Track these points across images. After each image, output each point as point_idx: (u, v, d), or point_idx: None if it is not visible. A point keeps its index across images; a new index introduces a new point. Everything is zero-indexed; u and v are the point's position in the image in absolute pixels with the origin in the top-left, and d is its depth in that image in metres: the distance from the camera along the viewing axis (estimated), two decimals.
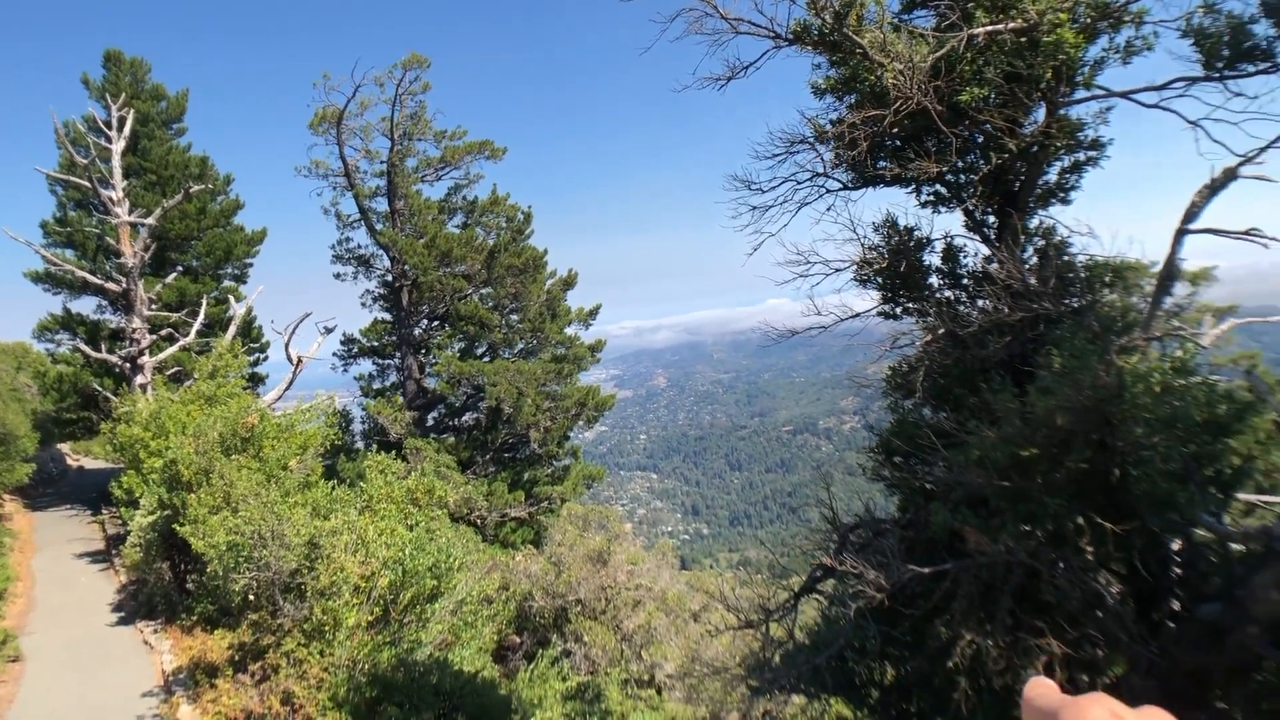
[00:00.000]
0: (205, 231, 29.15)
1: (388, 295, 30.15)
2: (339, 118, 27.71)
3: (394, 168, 28.58)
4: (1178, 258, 8.37)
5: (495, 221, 29.63)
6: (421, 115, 29.22)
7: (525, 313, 28.21)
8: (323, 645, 10.34)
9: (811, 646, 10.54)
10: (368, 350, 30.60)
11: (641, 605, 19.55)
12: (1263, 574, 6.46)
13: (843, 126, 9.31)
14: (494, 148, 30.12)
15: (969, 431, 7.63)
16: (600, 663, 17.99)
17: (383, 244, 28.47)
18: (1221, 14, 8.37)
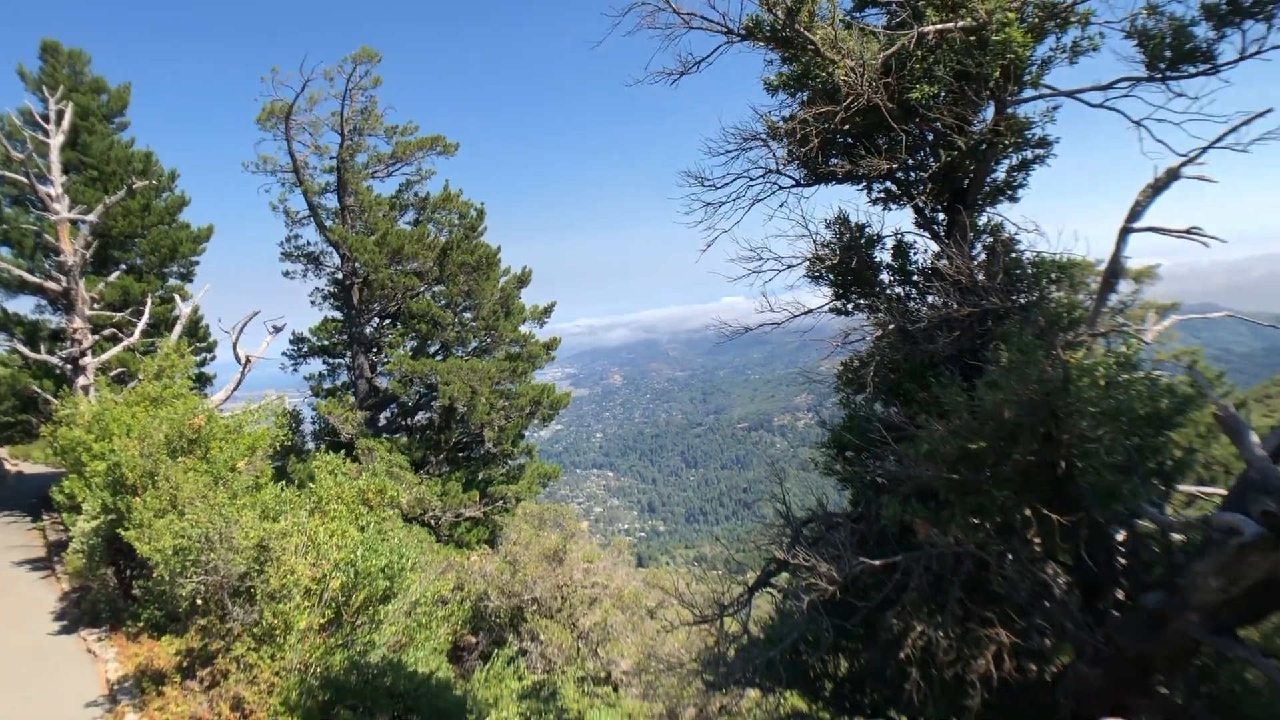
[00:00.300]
0: (149, 229, 28.47)
1: (338, 293, 29.71)
2: (287, 113, 27.23)
3: (344, 163, 28.17)
4: (1122, 255, 8.54)
5: (448, 218, 29.33)
6: (372, 110, 28.82)
7: (478, 311, 27.99)
8: (274, 649, 10.16)
9: (766, 640, 10.60)
10: (318, 349, 30.13)
11: (598, 603, 19.54)
12: (1202, 563, 6.60)
13: (795, 123, 9.36)
14: (446, 143, 29.83)
15: (919, 426, 7.71)
16: (556, 661, 17.95)
17: (332, 241, 28.04)
18: (1164, 16, 8.55)
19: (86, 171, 26.85)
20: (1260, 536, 5.82)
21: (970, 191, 9.71)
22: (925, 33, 8.42)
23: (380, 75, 28.23)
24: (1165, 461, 8.27)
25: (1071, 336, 8.30)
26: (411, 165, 29.85)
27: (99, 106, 28.09)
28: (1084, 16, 8.89)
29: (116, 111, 29.02)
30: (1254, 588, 6.37)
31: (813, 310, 10.64)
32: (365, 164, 29.14)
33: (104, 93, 28.52)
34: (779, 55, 9.81)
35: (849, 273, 10.28)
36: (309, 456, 23.65)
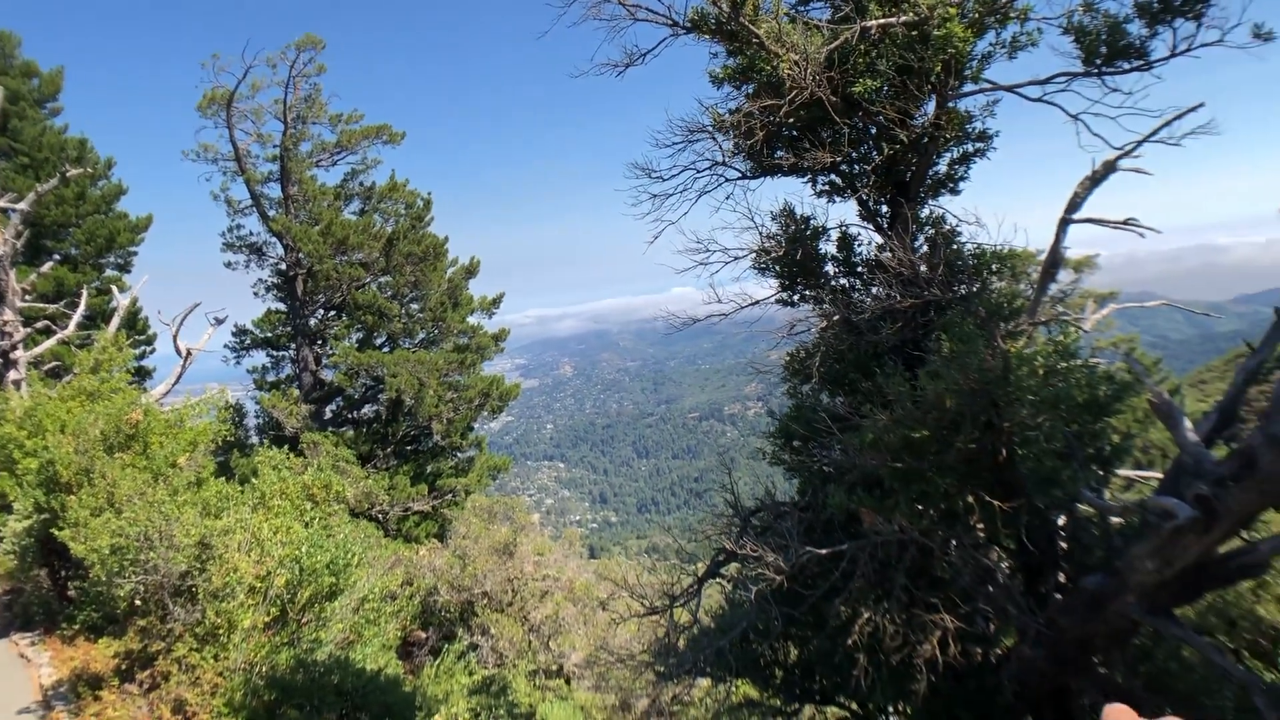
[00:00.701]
0: (85, 218, 27.66)
1: (282, 284, 29.14)
2: (229, 100, 26.63)
3: (287, 152, 27.63)
4: (1062, 246, 8.72)
5: (394, 208, 28.94)
6: (316, 98, 28.29)
7: (426, 302, 27.69)
8: (217, 649, 9.97)
9: (716, 630, 10.67)
10: (261, 342, 29.55)
11: (549, 595, 19.52)
12: (1139, 545, 6.77)
13: (740, 116, 9.39)
14: (392, 132, 29.42)
15: (863, 415, 7.80)
16: (508, 655, 17.90)
17: (276, 231, 27.50)
18: (1099, 13, 8.74)
19: (17, 158, 25.99)
20: (1193, 519, 5.99)
21: (912, 184, 9.83)
22: (868, 27, 8.49)
23: (324, 63, 27.77)
24: (1104, 447, 8.48)
25: (1012, 326, 8.46)
26: (357, 154, 29.39)
27: (30, 91, 27.20)
28: (1023, 12, 9.04)
29: (49, 96, 28.13)
30: (1188, 569, 6.56)
31: (760, 301, 10.71)
32: (309, 153, 28.61)
33: (35, 77, 27.62)
34: (724, 48, 9.83)
35: (795, 264, 10.34)
36: (252, 451, 23.22)
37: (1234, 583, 8.22)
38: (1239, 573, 6.98)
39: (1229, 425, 7.59)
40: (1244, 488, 5.89)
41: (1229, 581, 7.60)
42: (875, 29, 8.61)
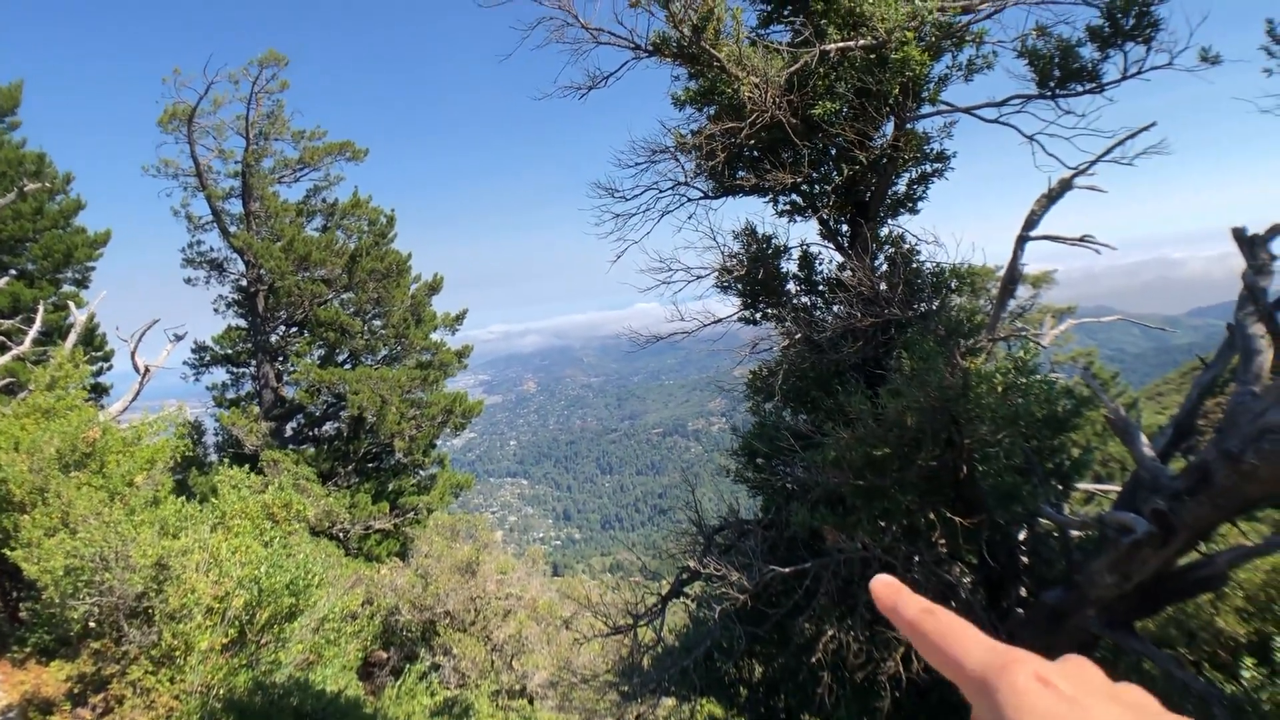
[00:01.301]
0: (42, 233, 27.13)
1: (242, 301, 28.76)
2: (190, 115, 26.31)
3: (249, 168, 27.34)
4: (1020, 263, 8.86)
5: (357, 225, 28.73)
6: (279, 114, 28.05)
7: (388, 318, 27.48)
8: (173, 672, 9.78)
9: (681, 649, 10.66)
10: (221, 358, 29.11)
11: (512, 615, 19.38)
12: (1098, 560, 6.88)
13: (702, 137, 9.47)
14: (355, 149, 29.24)
15: (825, 433, 7.87)
16: (470, 675, 17.73)
17: (237, 247, 27.17)
18: (1052, 37, 8.95)
19: None
20: (1151, 534, 6.09)
21: (872, 204, 9.97)
22: (827, 50, 8.62)
23: (287, 79, 27.52)
24: (1063, 462, 8.61)
25: (972, 343, 8.57)
26: (320, 171, 29.16)
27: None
28: (978, 36, 9.23)
29: (7, 111, 27.62)
30: (1147, 582, 6.67)
31: (722, 319, 10.78)
32: (272, 169, 28.34)
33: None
34: (686, 71, 9.93)
35: (757, 283, 10.44)
36: (212, 469, 22.84)
37: (1193, 595, 8.36)
38: (1197, 586, 7.10)
39: (1185, 439, 7.73)
40: (1199, 502, 6.01)
41: (1188, 594, 7.74)
42: (834, 52, 8.74)
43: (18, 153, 26.80)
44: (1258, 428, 5.66)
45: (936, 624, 0.74)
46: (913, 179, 10.38)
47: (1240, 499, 5.97)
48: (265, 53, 26.41)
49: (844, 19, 8.74)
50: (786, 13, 10.04)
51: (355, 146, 29.17)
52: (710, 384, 13.53)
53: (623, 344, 11.54)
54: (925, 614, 0.76)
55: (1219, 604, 10.39)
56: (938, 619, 0.74)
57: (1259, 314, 6.55)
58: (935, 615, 0.75)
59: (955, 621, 0.74)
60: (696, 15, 8.55)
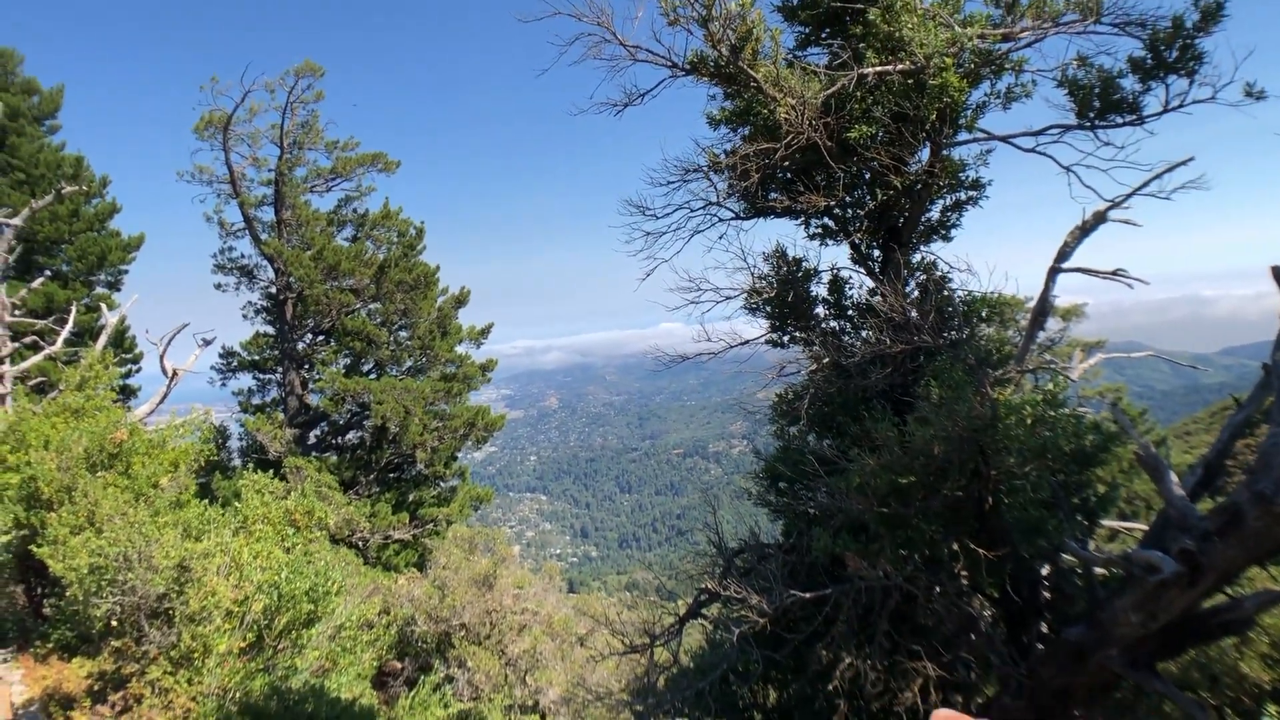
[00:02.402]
0: (77, 235, 27.60)
1: (271, 308, 29.05)
2: (226, 123, 26.68)
3: (282, 177, 27.67)
4: (1051, 295, 8.78)
5: (386, 236, 28.96)
6: (313, 124, 28.39)
7: (415, 330, 27.62)
8: (191, 673, 9.81)
9: (696, 670, 10.59)
10: (248, 364, 29.37)
11: (527, 629, 19.31)
12: (1123, 598, 6.77)
13: (736, 157, 9.49)
14: (387, 160, 29.52)
15: (850, 459, 7.81)
16: (484, 689, 17.67)
17: (267, 254, 27.46)
18: (1093, 68, 8.90)
19: (14, 174, 25.99)
20: (1178, 574, 5.99)
21: (905, 230, 9.93)
22: (865, 74, 8.62)
23: (323, 90, 27.90)
24: (1089, 497, 8.50)
25: (1000, 373, 8.50)
26: (351, 181, 29.46)
27: (30, 108, 27.27)
28: (1018, 64, 9.20)
29: (48, 114, 28.19)
30: (1171, 623, 6.55)
31: (749, 341, 10.76)
32: (304, 178, 28.67)
33: (36, 94, 27.70)
34: (723, 91, 9.97)
35: (785, 306, 10.42)
36: (235, 474, 23.02)
37: (1217, 639, 8.20)
38: (1223, 629, 6.97)
39: (1215, 479, 7.62)
40: (1229, 543, 5.91)
41: (1212, 637, 7.59)
42: (872, 76, 8.74)
43: (57, 155, 27.30)
44: None
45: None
46: (947, 206, 10.34)
47: (1271, 542, 5.86)
48: (302, 63, 26.80)
49: (883, 43, 8.74)
50: (825, 35, 10.05)
51: (387, 158, 29.47)
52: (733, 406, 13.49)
53: (646, 363, 11.54)
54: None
55: (1243, 649, 10.20)
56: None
57: None
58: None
59: None
60: (735, 35, 8.58)
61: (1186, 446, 35.02)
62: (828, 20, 9.88)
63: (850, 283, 10.75)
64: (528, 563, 35.07)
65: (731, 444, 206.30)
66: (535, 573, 24.66)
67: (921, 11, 8.65)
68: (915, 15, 8.53)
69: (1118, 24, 8.67)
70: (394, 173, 30.01)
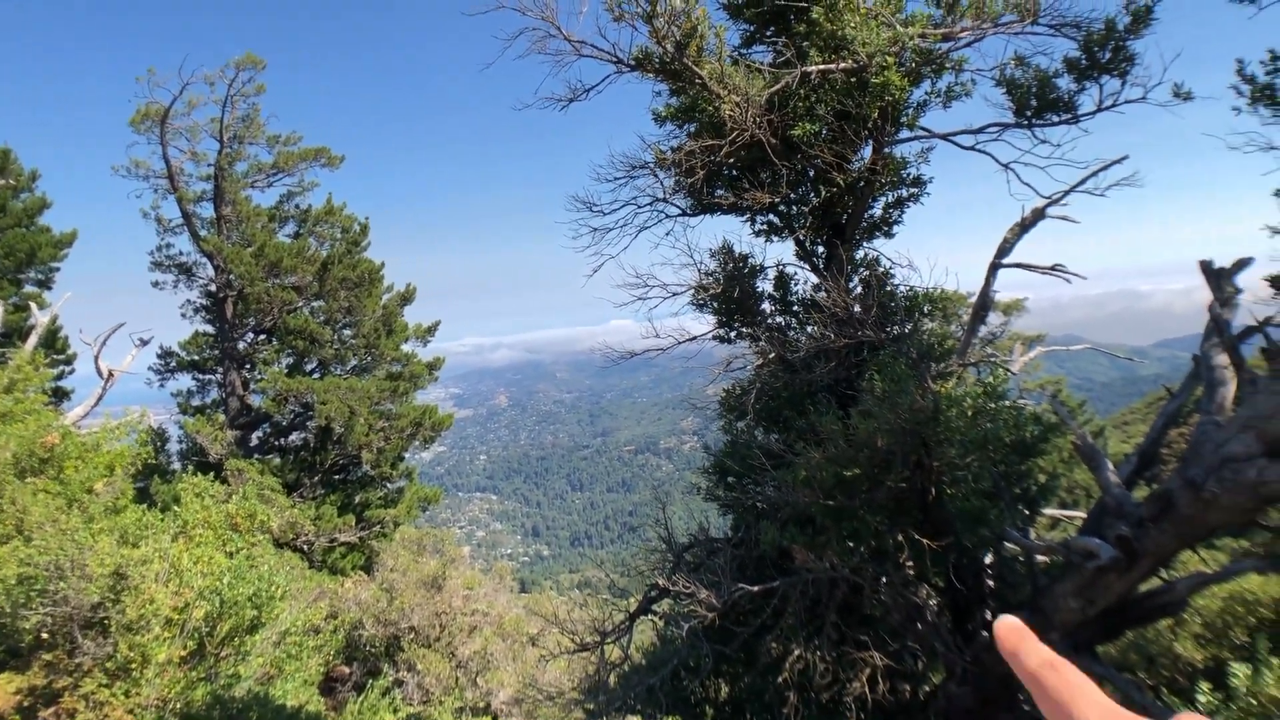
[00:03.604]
0: (5, 231, 26.69)
1: (210, 306, 28.39)
2: (163, 116, 26.01)
3: (222, 171, 27.05)
4: (991, 290, 8.94)
5: (330, 232, 28.48)
6: (254, 118, 27.77)
7: (359, 328, 27.22)
8: (128, 685, 9.55)
9: (647, 667, 10.59)
10: (187, 365, 28.68)
11: (478, 631, 19.18)
12: (1063, 584, 6.92)
13: (681, 154, 9.50)
14: (331, 155, 29.03)
15: (796, 453, 7.87)
16: (434, 692, 17.51)
17: (207, 251, 26.83)
18: (1030, 67, 9.09)
19: None
20: (1115, 559, 6.14)
21: (849, 226, 10.03)
22: (809, 72, 8.69)
23: (264, 83, 27.35)
24: (1030, 487, 8.67)
25: (943, 367, 8.63)
26: (294, 176, 28.91)
27: None
28: (958, 64, 9.34)
29: None
30: (1110, 607, 6.72)
31: (697, 337, 10.79)
32: (245, 173, 28.06)
33: None
34: (668, 87, 9.97)
35: (732, 302, 10.46)
36: (175, 478, 22.49)
37: (1153, 621, 8.43)
38: (1158, 611, 7.17)
39: (1149, 467, 7.82)
40: (1162, 529, 6.07)
41: (1148, 620, 7.80)
42: (815, 74, 8.81)
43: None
44: (1220, 457, 5.73)
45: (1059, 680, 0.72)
46: (889, 203, 10.48)
47: (1202, 527, 6.03)
48: (243, 55, 26.25)
49: (826, 41, 8.81)
50: (769, 33, 10.12)
51: (331, 153, 29.00)
52: (683, 402, 13.53)
53: (596, 360, 11.52)
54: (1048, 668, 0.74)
55: (1178, 630, 10.51)
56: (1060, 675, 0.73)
57: (1223, 346, 6.64)
58: (1058, 671, 0.73)
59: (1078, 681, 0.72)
60: (680, 32, 8.58)
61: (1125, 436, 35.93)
62: (772, 18, 9.94)
63: (795, 279, 10.85)
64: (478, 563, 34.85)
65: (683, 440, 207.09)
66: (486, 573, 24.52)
67: (864, 10, 8.74)
68: (858, 14, 8.61)
69: (1054, 25, 8.86)
70: (338, 168, 29.55)
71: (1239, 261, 7.14)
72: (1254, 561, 8.44)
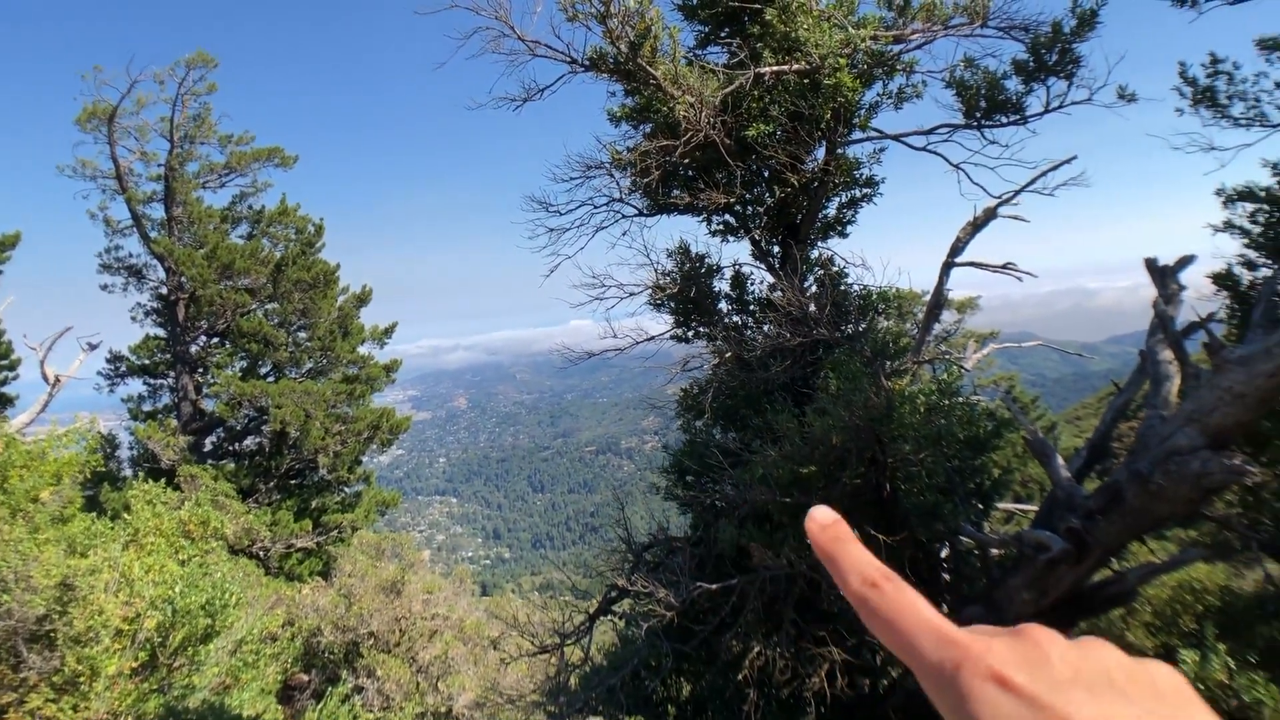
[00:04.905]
0: None
1: (161, 309, 27.84)
2: (111, 115, 25.45)
3: (173, 172, 26.55)
4: (945, 288, 9.06)
5: (284, 233, 28.07)
6: (205, 117, 27.29)
7: (314, 330, 26.87)
8: (77, 699, 9.34)
9: (608, 667, 10.59)
10: (137, 369, 28.10)
11: (438, 635, 19.03)
12: (1016, 577, 7.02)
13: (637, 154, 9.53)
14: (284, 155, 28.62)
15: (753, 451, 7.92)
16: (394, 697, 17.34)
17: (157, 253, 26.30)
18: (980, 69, 9.25)
19: None
20: (1066, 551, 6.25)
21: (803, 226, 10.13)
22: (762, 73, 8.75)
23: (215, 81, 26.90)
24: (984, 481, 8.79)
25: (898, 364, 8.73)
26: (247, 177, 28.46)
27: None
28: (909, 65, 9.47)
29: None
30: (1062, 598, 6.83)
31: (655, 337, 10.83)
32: (196, 173, 27.56)
33: None
34: (623, 87, 9.99)
35: (689, 301, 10.51)
36: (125, 485, 22.04)
37: (1105, 611, 8.59)
38: (1109, 601, 7.31)
39: (1099, 460, 7.97)
40: (1112, 521, 6.18)
41: (1100, 610, 7.95)
42: (769, 75, 8.87)
43: None
44: (1165, 450, 5.85)
45: (884, 601, 0.64)
46: (843, 203, 10.60)
47: (1149, 518, 6.15)
48: (194, 53, 25.79)
49: (779, 43, 8.88)
50: (723, 34, 10.17)
51: (284, 153, 28.60)
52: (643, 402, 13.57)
53: (556, 361, 11.51)
54: (871, 589, 0.65)
55: (1129, 619, 10.71)
56: (884, 595, 0.65)
57: (1168, 341, 6.78)
58: (882, 590, 0.65)
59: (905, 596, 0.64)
60: (634, 32, 8.59)
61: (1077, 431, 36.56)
62: (726, 19, 9.99)
63: (752, 278, 10.92)
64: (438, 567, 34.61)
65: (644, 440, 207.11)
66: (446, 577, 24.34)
67: (817, 13, 8.82)
68: (811, 16, 8.69)
69: (1002, 28, 9.02)
70: (291, 168, 29.13)
71: (1182, 259, 7.31)
72: (1200, 551, 8.66)
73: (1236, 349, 5.73)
